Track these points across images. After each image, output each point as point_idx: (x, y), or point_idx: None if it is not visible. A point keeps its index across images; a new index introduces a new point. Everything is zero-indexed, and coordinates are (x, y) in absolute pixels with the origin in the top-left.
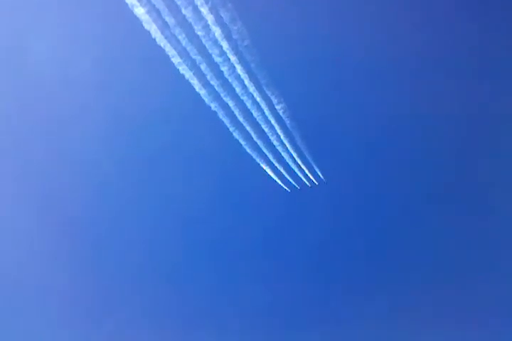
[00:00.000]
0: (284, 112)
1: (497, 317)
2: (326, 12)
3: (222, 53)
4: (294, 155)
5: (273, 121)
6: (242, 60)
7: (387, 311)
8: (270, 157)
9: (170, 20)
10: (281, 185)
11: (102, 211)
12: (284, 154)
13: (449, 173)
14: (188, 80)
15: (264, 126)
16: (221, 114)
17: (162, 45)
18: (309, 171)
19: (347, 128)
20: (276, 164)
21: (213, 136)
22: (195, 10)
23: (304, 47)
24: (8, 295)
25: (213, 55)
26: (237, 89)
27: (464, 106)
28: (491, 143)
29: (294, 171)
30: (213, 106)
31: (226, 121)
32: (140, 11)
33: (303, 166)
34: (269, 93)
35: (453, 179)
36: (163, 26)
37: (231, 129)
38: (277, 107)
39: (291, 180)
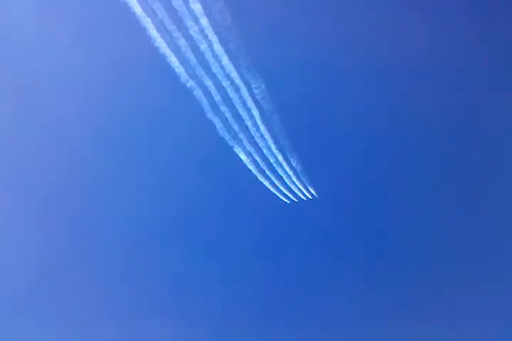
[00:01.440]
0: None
1: (497, 318)
2: (317, 11)
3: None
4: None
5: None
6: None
7: (382, 321)
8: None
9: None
10: (279, 196)
11: (101, 211)
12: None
13: (448, 178)
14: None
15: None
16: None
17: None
18: (303, 181)
19: (341, 133)
20: (271, 175)
21: (210, 141)
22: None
23: (295, 48)
24: (8, 295)
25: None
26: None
27: (461, 110)
28: (489, 147)
29: (290, 182)
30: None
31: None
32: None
33: (295, 178)
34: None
35: (451, 184)
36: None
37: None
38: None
39: (286, 192)
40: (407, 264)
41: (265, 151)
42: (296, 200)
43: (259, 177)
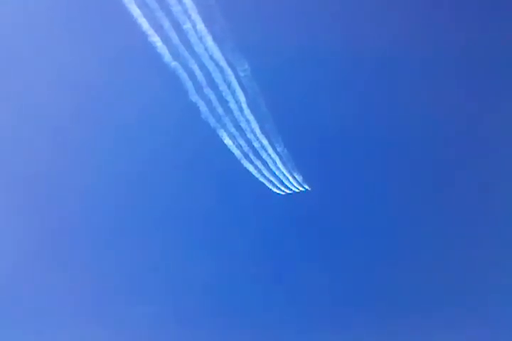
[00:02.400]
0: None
1: (497, 318)
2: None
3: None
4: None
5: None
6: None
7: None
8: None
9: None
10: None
11: (101, 211)
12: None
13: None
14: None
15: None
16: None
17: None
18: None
19: (327, 118)
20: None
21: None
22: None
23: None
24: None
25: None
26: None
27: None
28: (487, 148)
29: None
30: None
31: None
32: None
33: (285, 170)
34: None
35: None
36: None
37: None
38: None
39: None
40: (400, 257)
41: (249, 135)
42: (282, 187)
43: (243, 162)
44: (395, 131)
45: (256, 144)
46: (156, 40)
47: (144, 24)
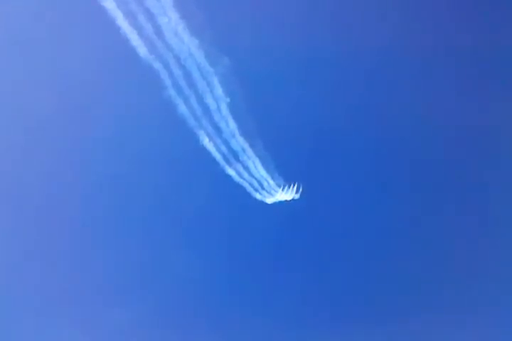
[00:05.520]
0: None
1: (497, 318)
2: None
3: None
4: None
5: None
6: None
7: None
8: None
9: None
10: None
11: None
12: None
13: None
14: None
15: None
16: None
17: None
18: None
19: (310, 118)
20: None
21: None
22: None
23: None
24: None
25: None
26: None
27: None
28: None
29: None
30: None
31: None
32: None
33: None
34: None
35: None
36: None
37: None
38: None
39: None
40: (390, 260)
41: (228, 136)
42: (261, 190)
43: (220, 162)
44: (382, 131)
45: (235, 146)
46: (133, 36)
47: (122, 21)
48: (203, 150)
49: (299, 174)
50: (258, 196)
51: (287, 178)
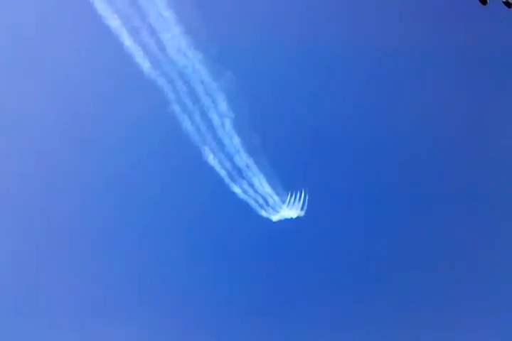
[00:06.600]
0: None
1: (497, 317)
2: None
3: None
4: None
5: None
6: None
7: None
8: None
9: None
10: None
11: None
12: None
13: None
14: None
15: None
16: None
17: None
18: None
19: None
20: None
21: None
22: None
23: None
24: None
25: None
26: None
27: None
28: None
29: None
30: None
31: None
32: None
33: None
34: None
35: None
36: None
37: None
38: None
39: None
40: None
41: (232, 150)
42: (266, 207)
43: (225, 178)
44: (384, 138)
45: (239, 162)
46: (137, 52)
47: (126, 38)
48: (208, 166)
49: (304, 190)
50: (264, 213)
51: (292, 194)
